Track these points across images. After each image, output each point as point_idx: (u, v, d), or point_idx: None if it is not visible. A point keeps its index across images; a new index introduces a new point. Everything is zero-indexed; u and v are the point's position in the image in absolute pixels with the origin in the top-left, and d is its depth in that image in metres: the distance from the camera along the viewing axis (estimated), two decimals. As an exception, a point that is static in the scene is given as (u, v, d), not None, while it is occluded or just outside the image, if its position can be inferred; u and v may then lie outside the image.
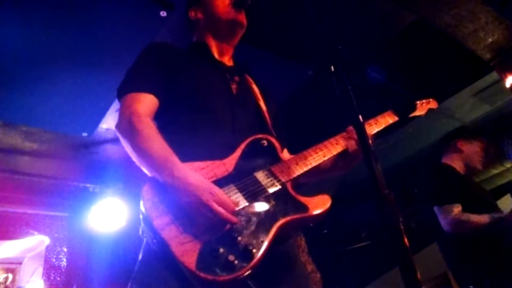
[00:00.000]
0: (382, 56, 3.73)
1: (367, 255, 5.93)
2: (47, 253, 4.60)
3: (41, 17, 2.77)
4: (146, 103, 1.55)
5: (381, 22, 3.45)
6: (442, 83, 4.14)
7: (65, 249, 4.72)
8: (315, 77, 3.82)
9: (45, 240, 4.59)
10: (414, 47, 3.76)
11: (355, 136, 1.62)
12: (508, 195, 5.54)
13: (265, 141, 1.58)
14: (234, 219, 1.26)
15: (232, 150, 1.51)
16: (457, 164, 3.35)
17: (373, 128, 1.81)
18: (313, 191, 1.47)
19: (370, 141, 1.13)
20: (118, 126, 1.51)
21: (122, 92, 1.59)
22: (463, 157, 3.36)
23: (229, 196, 1.33)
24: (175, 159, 1.35)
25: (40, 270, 4.47)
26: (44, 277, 4.48)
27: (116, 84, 1.63)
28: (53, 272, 4.56)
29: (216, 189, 1.29)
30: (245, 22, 1.85)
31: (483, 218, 2.89)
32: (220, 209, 1.24)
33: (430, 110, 2.17)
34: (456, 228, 2.95)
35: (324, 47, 1.25)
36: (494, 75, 4.17)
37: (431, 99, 2.21)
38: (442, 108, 4.54)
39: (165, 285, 1.28)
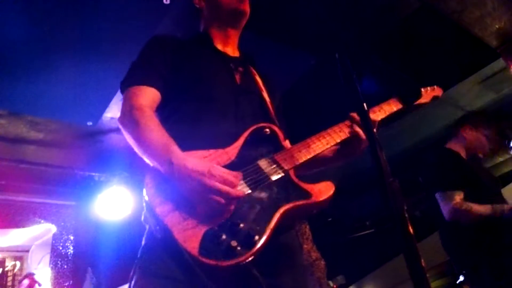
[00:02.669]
0: (386, 43, 3.69)
1: (372, 242, 5.95)
2: (54, 241, 4.67)
3: (44, 6, 2.76)
4: (147, 96, 1.55)
5: (385, 9, 3.41)
6: (446, 71, 4.10)
7: (72, 237, 4.79)
8: (317, 66, 3.80)
9: (52, 228, 4.65)
10: (418, 34, 3.72)
11: (359, 123, 1.62)
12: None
13: (268, 130, 1.58)
14: (239, 193, 1.27)
15: (235, 138, 1.51)
16: (461, 150, 3.30)
17: (378, 115, 1.80)
18: (317, 180, 1.46)
19: (374, 129, 1.12)
20: (120, 119, 1.53)
21: (124, 86, 1.60)
22: (466, 144, 3.31)
23: None
24: (174, 148, 1.35)
25: (47, 258, 4.54)
26: (51, 265, 4.55)
27: (120, 72, 1.63)
28: (60, 259, 4.63)
29: (215, 168, 1.28)
30: (248, 10, 1.83)
31: (485, 209, 2.83)
32: (224, 187, 1.24)
33: (435, 97, 2.15)
34: (456, 217, 2.89)
35: (328, 34, 1.24)
36: (500, 62, 4.13)
37: (435, 87, 2.19)
38: (447, 96, 4.51)
39: (167, 271, 1.29)
